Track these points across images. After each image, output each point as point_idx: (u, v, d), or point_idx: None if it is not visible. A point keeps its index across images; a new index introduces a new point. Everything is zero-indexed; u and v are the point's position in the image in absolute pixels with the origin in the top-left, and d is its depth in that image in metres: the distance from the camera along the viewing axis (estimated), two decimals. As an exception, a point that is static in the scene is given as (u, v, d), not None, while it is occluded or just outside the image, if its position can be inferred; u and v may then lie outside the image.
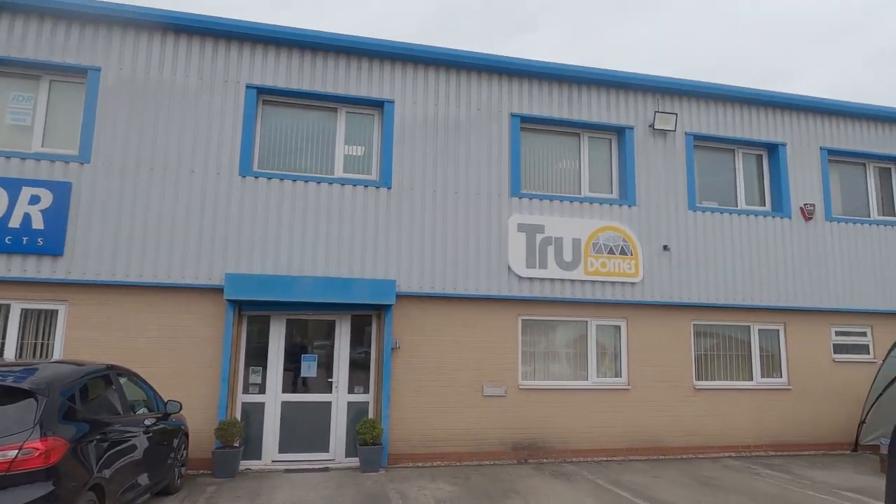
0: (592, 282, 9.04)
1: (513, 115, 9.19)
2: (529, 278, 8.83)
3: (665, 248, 9.41)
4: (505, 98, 9.24)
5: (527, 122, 9.38)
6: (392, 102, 8.80)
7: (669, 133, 9.74)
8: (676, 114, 9.68)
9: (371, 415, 8.21)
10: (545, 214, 9.05)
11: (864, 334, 10.33)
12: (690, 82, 9.89)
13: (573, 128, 9.64)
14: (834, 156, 10.68)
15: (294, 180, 8.32)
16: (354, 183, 8.55)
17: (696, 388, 9.40)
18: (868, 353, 10.22)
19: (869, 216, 10.78)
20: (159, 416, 6.09)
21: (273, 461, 7.90)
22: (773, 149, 10.37)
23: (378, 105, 8.87)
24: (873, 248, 10.41)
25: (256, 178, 8.23)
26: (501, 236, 8.85)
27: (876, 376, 9.35)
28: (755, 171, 10.50)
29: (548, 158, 9.61)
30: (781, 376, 9.88)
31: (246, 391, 8.04)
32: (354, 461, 7.90)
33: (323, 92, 8.60)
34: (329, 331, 8.48)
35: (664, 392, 9.24)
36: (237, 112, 8.28)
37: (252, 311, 8.16)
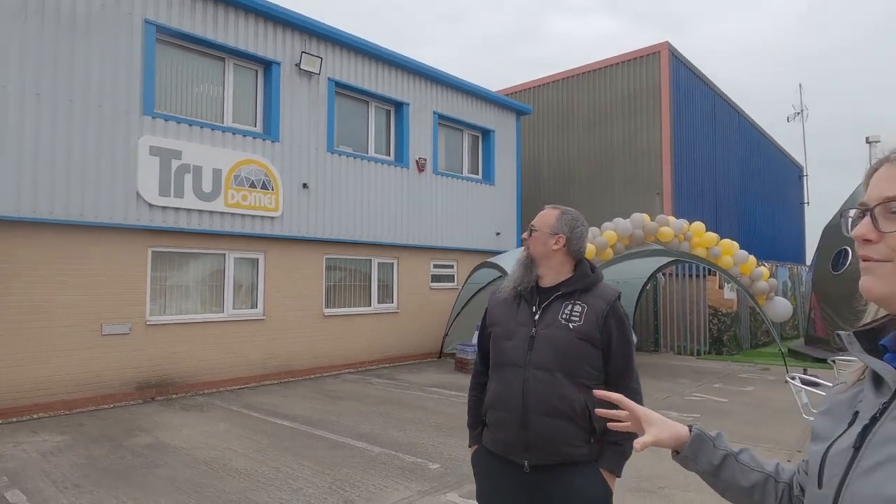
0: (233, 214, 8.94)
1: (147, 22, 8.14)
2: (163, 207, 8.18)
3: (304, 185, 9.93)
4: (138, 0, 8.09)
5: (165, 34, 8.44)
6: (-27, -32, 6.73)
7: (314, 75, 10.15)
8: (322, 58, 10.14)
9: (-62, 368, 6.50)
10: (183, 140, 8.44)
11: (451, 267, 13.05)
12: (337, 30, 10.44)
13: (218, 51, 9.12)
14: (442, 120, 12.89)
15: None
16: None
17: (326, 315, 10.40)
18: (453, 282, 12.98)
19: (462, 173, 13.47)
20: None
21: None
22: (399, 106, 11.88)
23: (-52, -34, 6.67)
24: (462, 199, 13.12)
25: None
26: (130, 158, 7.90)
27: (456, 299, 12.02)
28: (384, 124, 11.88)
29: (189, 80, 8.90)
30: (393, 302, 11.74)
31: None
32: (-89, 428, 6.19)
33: None
34: None
35: (298, 320, 9.94)
36: None
37: None
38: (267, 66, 9.65)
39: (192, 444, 5.83)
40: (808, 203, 27.64)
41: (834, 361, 6.99)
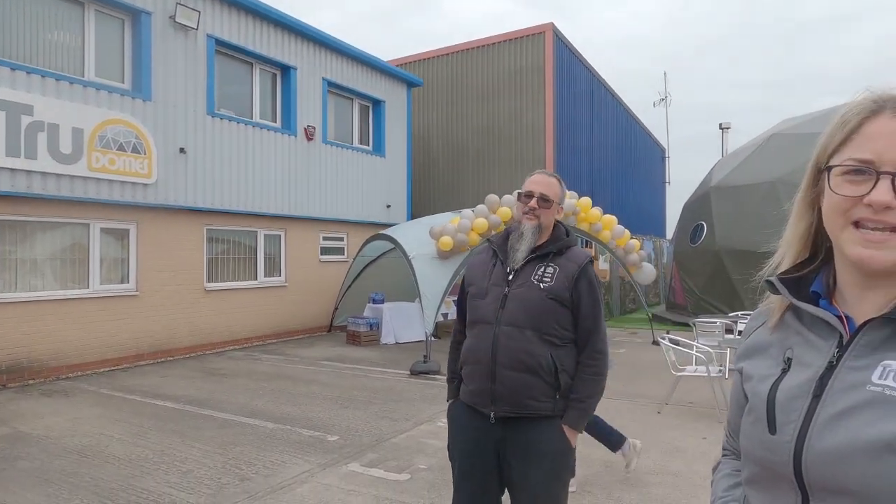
0: (98, 180, 8.06)
1: (-15, -47, 6.99)
2: (11, 169, 7.17)
3: (181, 150, 9.18)
4: (-28, -75, 6.91)
5: (8, -31, 7.31)
6: None
7: (191, 30, 9.33)
8: (199, 11, 9.33)
9: None
10: (35, 93, 7.41)
11: (341, 239, 12.80)
12: (215, -18, 9.64)
13: (76, -6, 8.07)
14: (332, 87, 12.46)
15: None
16: None
17: (207, 289, 9.79)
18: (343, 254, 12.75)
19: (352, 143, 13.16)
20: None
21: None
22: (286, 70, 11.29)
23: None
24: (352, 170, 12.85)
25: None
26: (-33, 112, 6.82)
27: (348, 272, 11.84)
28: (270, 89, 11.25)
29: (41, 25, 7.80)
30: (281, 275, 11.31)
31: None
32: None
33: None
34: None
35: (175, 296, 9.26)
36: None
37: None
38: (135, 15, 8.70)
39: (60, 433, 5.28)
40: (669, 182, 30.35)
41: (694, 324, 7.82)
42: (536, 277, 2.11)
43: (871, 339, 0.79)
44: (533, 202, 2.16)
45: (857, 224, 0.78)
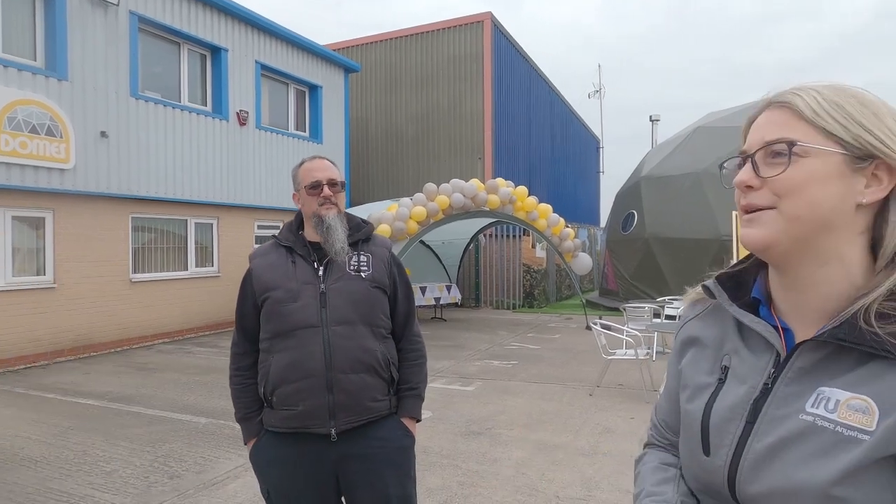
0: (7, 164, 7.50)
1: None
2: None
3: (103, 134, 8.67)
4: None
5: None
6: None
7: (112, 6, 8.78)
8: (121, -13, 8.79)
9: None
10: (-68, 69, 6.80)
11: (278, 228, 12.44)
12: (137, -44, 9.10)
13: (-22, -38, 7.43)
14: (266, 71, 12.06)
15: None
16: None
17: (133, 281, 9.34)
18: (280, 243, 12.40)
19: (288, 129, 12.82)
20: None
21: None
22: (216, 52, 10.83)
23: None
24: (289, 157, 12.52)
25: None
26: None
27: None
28: (199, 71, 10.76)
29: (-64, -7, 7.14)
30: (213, 265, 10.93)
31: None
32: None
33: None
34: None
35: (98, 288, 8.78)
36: None
37: None
38: (48, -12, 8.11)
39: (-32, 436, 4.93)
40: (603, 172, 31.32)
41: (625, 309, 8.14)
42: (352, 268, 1.93)
43: (805, 361, 0.75)
44: (327, 190, 1.94)
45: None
